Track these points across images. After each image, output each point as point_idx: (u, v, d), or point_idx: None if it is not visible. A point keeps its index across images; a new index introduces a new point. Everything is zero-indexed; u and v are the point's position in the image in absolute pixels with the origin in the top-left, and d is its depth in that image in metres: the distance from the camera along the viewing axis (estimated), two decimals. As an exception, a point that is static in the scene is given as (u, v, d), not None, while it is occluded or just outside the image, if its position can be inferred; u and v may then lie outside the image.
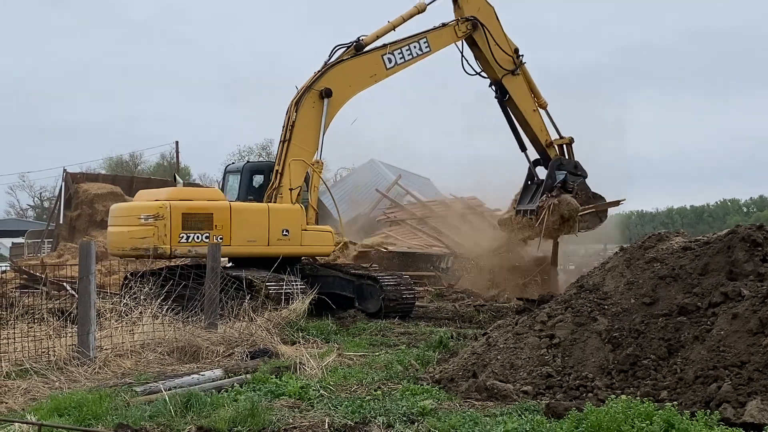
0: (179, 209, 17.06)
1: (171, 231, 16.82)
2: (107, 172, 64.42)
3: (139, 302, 12.99)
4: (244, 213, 17.88)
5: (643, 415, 6.74)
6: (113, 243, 18.31)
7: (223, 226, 17.40)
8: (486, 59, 20.55)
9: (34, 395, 9.09)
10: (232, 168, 20.71)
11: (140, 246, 16.95)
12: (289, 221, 18.19)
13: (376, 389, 9.27)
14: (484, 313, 18.58)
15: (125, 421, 7.53)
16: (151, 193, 19.32)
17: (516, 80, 21.03)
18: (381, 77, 19.22)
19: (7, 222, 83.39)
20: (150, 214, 17.01)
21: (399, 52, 19.13)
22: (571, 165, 21.92)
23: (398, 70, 19.36)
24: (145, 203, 17.80)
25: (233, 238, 17.54)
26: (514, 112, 21.59)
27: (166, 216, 16.86)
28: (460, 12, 20.32)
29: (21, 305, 14.12)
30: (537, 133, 21.52)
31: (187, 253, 17.27)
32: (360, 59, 19.02)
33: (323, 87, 18.52)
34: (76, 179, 33.69)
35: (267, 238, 17.95)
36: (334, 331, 14.75)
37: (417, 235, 33.08)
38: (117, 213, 18.76)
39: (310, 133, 18.57)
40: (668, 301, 9.54)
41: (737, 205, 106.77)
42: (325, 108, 18.49)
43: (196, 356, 11.64)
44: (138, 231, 17.11)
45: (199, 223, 17.17)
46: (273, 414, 7.88)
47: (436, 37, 19.73)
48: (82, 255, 11.17)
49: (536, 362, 9.38)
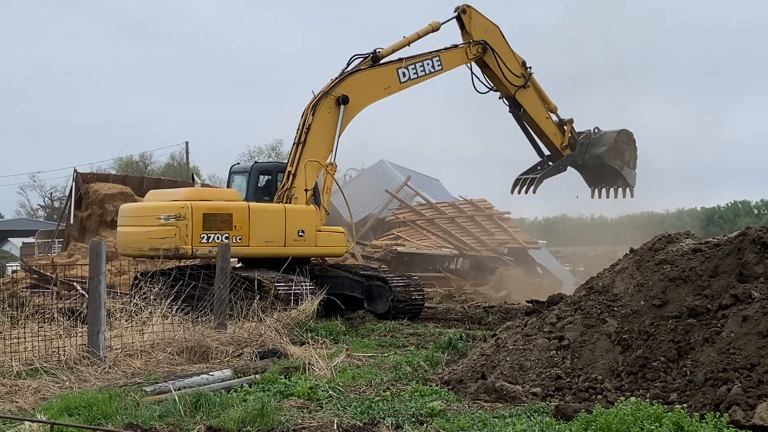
0: (200, 209, 17.03)
1: (192, 231, 16.80)
2: (117, 172, 64.59)
3: (149, 302, 13.04)
4: (262, 214, 17.89)
5: (653, 417, 6.73)
6: (127, 243, 18.18)
7: (242, 227, 17.43)
8: (497, 78, 20.96)
9: (45, 395, 9.12)
10: (238, 168, 20.74)
11: (160, 246, 16.82)
12: (304, 222, 18.30)
13: (385, 390, 9.27)
14: (493, 314, 18.58)
15: (135, 420, 7.56)
16: (166, 194, 19.28)
17: (527, 93, 21.45)
18: (394, 90, 19.57)
19: (18, 222, 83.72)
20: (171, 214, 16.94)
21: (413, 68, 19.51)
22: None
23: (411, 84, 19.72)
24: (165, 203, 17.66)
25: (252, 239, 17.57)
26: (529, 123, 22.04)
27: (188, 216, 16.82)
28: (468, 36, 20.66)
29: (31, 305, 14.21)
30: (552, 138, 22.02)
31: (208, 253, 17.15)
32: (376, 70, 19.36)
33: (341, 94, 18.77)
34: (87, 179, 33.73)
35: (284, 238, 18.02)
36: (343, 332, 14.76)
37: (426, 236, 33.09)
38: (131, 213, 18.66)
39: (326, 137, 18.79)
40: (678, 303, 9.52)
41: (748, 207, 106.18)
42: (341, 114, 18.77)
43: (206, 356, 11.67)
44: (158, 231, 17.01)
45: (219, 223, 17.16)
46: (282, 414, 7.90)
47: (449, 57, 20.18)
48: (93, 255, 11.21)
49: (545, 364, 9.37)
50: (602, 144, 22.16)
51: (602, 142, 22.20)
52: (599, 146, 22.20)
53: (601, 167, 22.45)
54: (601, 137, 22.39)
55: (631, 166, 22.58)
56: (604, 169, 22.51)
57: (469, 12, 20.29)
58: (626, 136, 22.49)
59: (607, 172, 22.56)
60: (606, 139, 22.29)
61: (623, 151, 22.29)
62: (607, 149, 22.13)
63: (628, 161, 22.47)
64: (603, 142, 22.17)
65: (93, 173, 37.67)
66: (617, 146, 22.25)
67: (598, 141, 22.30)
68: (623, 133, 22.46)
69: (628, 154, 22.36)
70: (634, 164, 22.66)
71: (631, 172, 22.61)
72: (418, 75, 19.61)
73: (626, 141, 22.46)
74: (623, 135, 22.45)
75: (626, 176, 22.51)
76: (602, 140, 22.24)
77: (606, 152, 22.07)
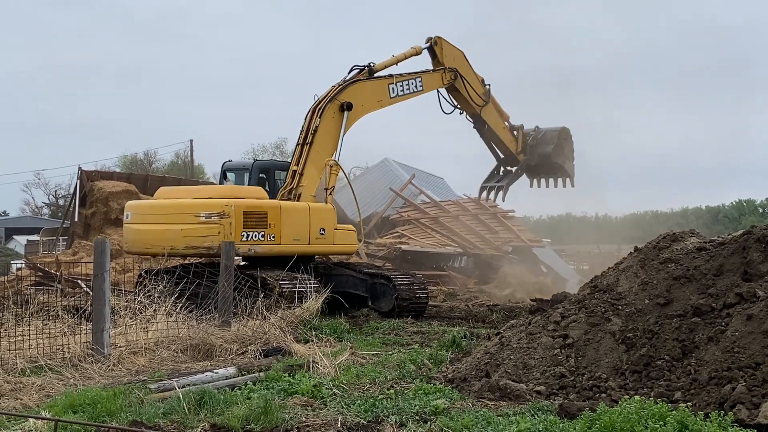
0: (241, 207, 17.04)
1: (234, 229, 16.81)
2: (122, 170, 64.69)
3: (153, 300, 13.05)
4: (291, 212, 18.04)
5: (657, 415, 6.72)
6: (151, 241, 17.63)
7: (275, 225, 17.53)
8: (464, 99, 22.64)
9: (49, 392, 9.13)
10: (233, 165, 20.73)
11: (200, 245, 16.59)
12: (325, 221, 18.64)
13: (389, 388, 9.27)
14: (497, 312, 18.59)
15: (139, 418, 7.57)
16: (190, 191, 19.08)
17: (488, 108, 23.40)
18: (385, 104, 20.70)
19: (23, 219, 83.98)
20: (214, 212, 16.83)
21: (401, 85, 20.80)
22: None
23: (398, 101, 20.91)
24: (206, 201, 17.40)
25: (283, 237, 17.70)
26: (490, 134, 24.05)
27: (232, 214, 16.82)
28: (439, 63, 22.13)
29: (36, 302, 14.23)
30: (508, 145, 24.31)
31: (247, 252, 17.17)
32: (372, 83, 20.38)
33: (345, 101, 19.40)
34: (91, 177, 33.73)
35: (308, 236, 18.24)
36: (347, 330, 14.78)
37: (430, 235, 33.09)
38: (157, 210, 18.15)
39: (330, 139, 19.33)
40: (683, 301, 9.51)
41: (753, 205, 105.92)
42: (345, 120, 19.37)
43: (210, 354, 11.69)
44: (198, 229, 16.83)
45: (256, 221, 17.20)
46: (286, 412, 7.90)
47: (428, 80, 21.60)
48: (97, 252, 11.22)
49: (549, 362, 9.37)
50: (547, 143, 24.51)
51: (546, 140, 24.56)
52: (545, 145, 24.56)
53: (547, 164, 24.89)
54: (544, 136, 24.71)
55: (570, 159, 25.17)
56: (549, 165, 24.99)
57: (440, 43, 21.71)
58: (566, 133, 24.99)
59: (551, 167, 25.06)
60: (549, 137, 24.67)
61: (564, 147, 24.85)
62: (553, 147, 24.56)
63: (568, 155, 25.04)
64: (547, 141, 24.55)
65: (97, 171, 37.72)
66: (560, 143, 24.75)
67: (543, 140, 24.68)
68: (563, 130, 24.94)
69: (567, 149, 24.94)
70: (572, 157, 25.25)
71: (571, 165, 25.12)
72: (404, 92, 20.88)
73: (565, 138, 24.98)
74: (563, 132, 24.93)
75: (568, 169, 25.00)
76: (546, 139, 24.66)
77: (553, 150, 24.53)
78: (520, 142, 24.39)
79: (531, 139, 24.50)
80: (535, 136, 24.59)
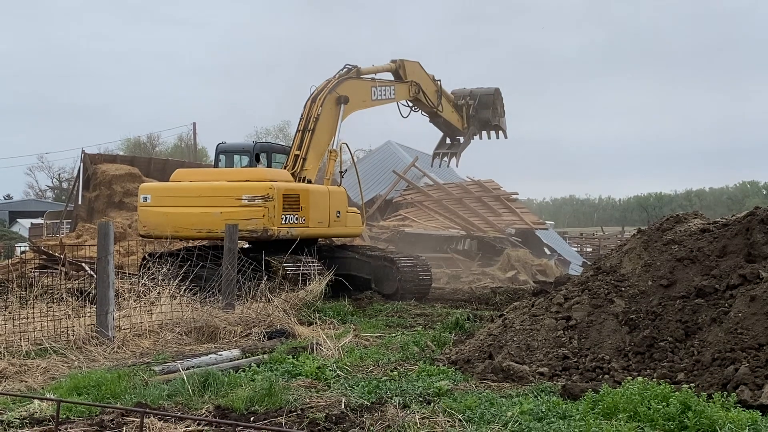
0: (281, 190, 17.08)
1: (277, 212, 16.86)
2: (125, 153, 64.62)
3: (157, 283, 13.08)
4: (317, 195, 18.26)
5: (660, 396, 6.73)
6: (185, 224, 17.35)
7: (306, 208, 17.66)
8: (423, 104, 23.93)
9: (54, 374, 9.17)
10: (228, 147, 20.57)
11: (243, 228, 16.02)
12: (340, 204, 19.01)
13: (392, 370, 9.30)
14: (500, 294, 18.61)
15: (144, 399, 7.61)
16: (224, 173, 18.94)
17: (442, 104, 24.64)
18: (367, 105, 21.46)
19: (27, 203, 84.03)
20: (258, 195, 16.83)
21: (380, 90, 21.78)
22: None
23: (377, 104, 21.77)
24: (248, 183, 17.25)
25: (310, 220, 17.83)
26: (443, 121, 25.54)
27: (275, 197, 16.84)
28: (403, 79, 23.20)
29: (40, 285, 14.26)
30: (456, 125, 25.77)
31: (286, 234, 17.16)
32: (361, 82, 21.15)
33: (342, 94, 19.94)
34: (95, 160, 33.76)
35: (328, 219, 18.48)
36: (351, 312, 14.81)
37: (433, 217, 33.08)
38: (184, 193, 17.82)
39: (330, 128, 19.84)
40: (686, 283, 9.50)
41: (756, 187, 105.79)
42: (342, 112, 19.96)
43: (214, 336, 11.73)
44: (240, 212, 16.70)
45: (293, 204, 17.30)
46: (290, 393, 7.92)
47: (399, 90, 22.60)
48: (101, 235, 11.24)
49: (552, 344, 9.38)
50: (484, 107, 26.05)
51: (483, 105, 26.00)
52: (484, 110, 26.10)
53: (487, 126, 26.76)
54: (480, 101, 26.01)
55: (502, 115, 26.83)
56: (488, 126, 26.81)
57: (402, 65, 22.76)
58: (498, 94, 26.54)
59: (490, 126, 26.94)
60: (485, 101, 26.11)
61: (498, 107, 26.46)
62: (491, 111, 26.18)
63: (501, 113, 26.74)
64: (484, 105, 26.02)
65: (101, 154, 37.76)
66: (494, 106, 26.32)
67: (480, 105, 26.02)
68: (496, 92, 26.47)
69: (500, 108, 26.60)
70: (503, 112, 26.90)
71: (504, 121, 26.87)
72: (382, 97, 21.84)
73: (498, 98, 26.53)
74: (497, 93, 26.50)
75: (502, 125, 26.72)
76: (482, 103, 26.00)
77: (491, 114, 26.19)
78: (465, 118, 25.83)
79: (471, 109, 25.91)
80: (474, 105, 25.95)
